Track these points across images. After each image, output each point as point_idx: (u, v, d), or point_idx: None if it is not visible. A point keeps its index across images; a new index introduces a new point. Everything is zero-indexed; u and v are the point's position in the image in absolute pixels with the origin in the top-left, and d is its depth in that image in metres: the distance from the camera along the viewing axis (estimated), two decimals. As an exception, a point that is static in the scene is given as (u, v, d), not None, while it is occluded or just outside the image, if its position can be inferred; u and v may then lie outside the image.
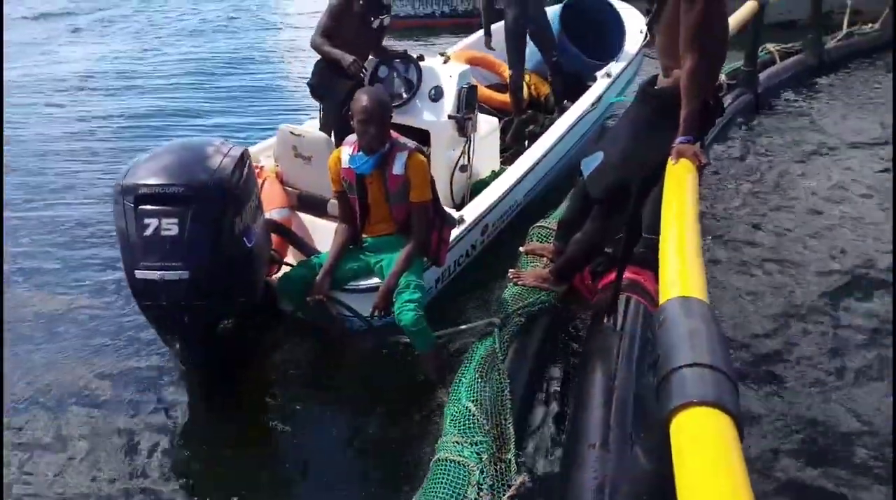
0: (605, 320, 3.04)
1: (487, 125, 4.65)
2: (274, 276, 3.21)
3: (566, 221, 3.40)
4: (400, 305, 2.87)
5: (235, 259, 2.73)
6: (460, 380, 2.69)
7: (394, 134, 3.02)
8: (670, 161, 2.41)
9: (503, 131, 5.26)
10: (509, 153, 5.15)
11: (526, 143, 5.12)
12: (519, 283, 3.33)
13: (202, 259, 2.60)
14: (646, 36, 5.99)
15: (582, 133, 5.21)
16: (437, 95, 4.09)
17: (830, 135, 6.21)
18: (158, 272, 2.57)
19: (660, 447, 1.23)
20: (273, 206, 3.55)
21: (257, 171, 3.77)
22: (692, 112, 2.47)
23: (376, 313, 2.98)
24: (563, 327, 3.42)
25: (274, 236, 3.34)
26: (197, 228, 2.59)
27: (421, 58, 4.25)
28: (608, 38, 5.94)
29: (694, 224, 1.89)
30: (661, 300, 1.52)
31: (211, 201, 2.62)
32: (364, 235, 3.18)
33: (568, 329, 3.43)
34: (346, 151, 3.02)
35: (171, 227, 2.58)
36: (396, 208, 3.05)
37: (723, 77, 6.41)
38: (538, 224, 3.87)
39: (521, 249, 3.71)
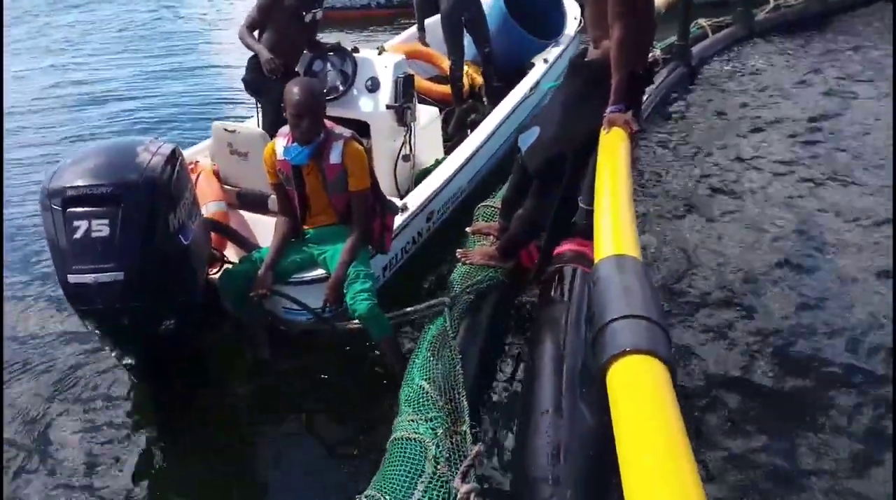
0: (551, 292, 3.07)
1: (427, 115, 4.66)
2: (215, 274, 3.14)
3: (508, 198, 3.42)
4: (352, 295, 2.84)
5: (171, 257, 2.65)
6: (413, 361, 2.68)
7: (328, 123, 2.97)
8: (603, 130, 2.43)
9: (445, 121, 5.28)
10: (452, 143, 5.15)
11: (468, 132, 5.13)
12: (467, 262, 3.34)
13: (136, 259, 2.51)
14: (580, 22, 6.22)
15: (521, 120, 5.23)
16: (373, 85, 4.05)
17: (762, 103, 6.40)
18: (91, 275, 2.48)
19: (602, 402, 1.24)
20: (210, 200, 3.47)
21: (191, 167, 3.68)
22: (621, 80, 2.50)
23: (328, 306, 2.95)
24: (512, 303, 3.45)
25: (213, 235, 3.27)
26: (129, 228, 2.50)
27: (356, 50, 4.21)
28: (549, 20, 6.09)
29: (626, 188, 1.91)
30: (596, 260, 1.54)
31: (142, 200, 2.53)
32: (305, 227, 3.13)
33: (516, 304, 3.45)
34: (281, 143, 2.97)
35: (101, 228, 2.49)
36: (336, 198, 3.01)
37: (658, 52, 6.54)
38: (483, 204, 3.89)
39: (467, 229, 3.71)
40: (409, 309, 3.05)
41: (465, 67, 5.60)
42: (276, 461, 2.83)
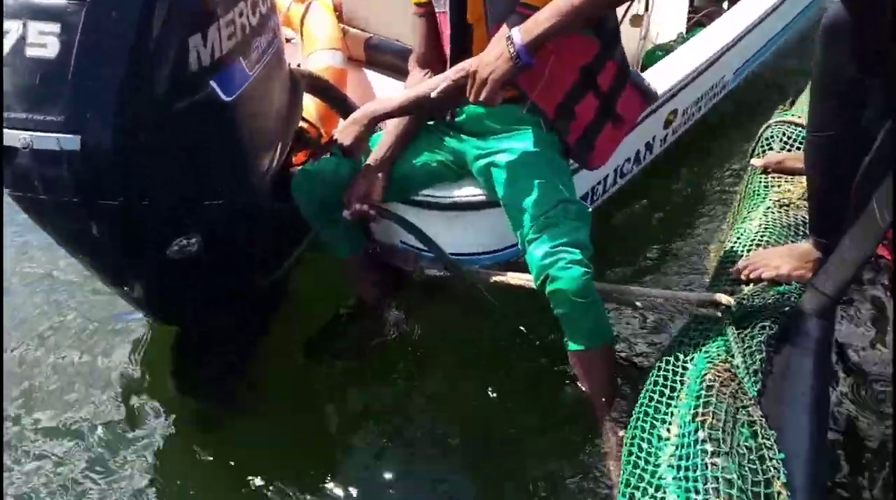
0: None
1: (679, -36, 3.01)
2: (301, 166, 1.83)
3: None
4: (546, 252, 1.40)
5: (189, 119, 1.35)
6: (668, 403, 1.27)
7: None
8: None
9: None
10: (699, 17, 3.47)
11: (725, 4, 3.42)
12: (752, 276, 1.60)
13: (110, 111, 1.25)
14: None
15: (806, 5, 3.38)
16: None
17: None
18: (23, 133, 1.25)
19: None
20: (319, 48, 2.15)
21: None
22: None
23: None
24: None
25: (311, 99, 1.95)
26: (97, 46, 1.23)
27: None
28: None
29: None
30: None
31: (129, -10, 1.23)
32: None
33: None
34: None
35: (45, 40, 1.23)
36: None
37: None
38: (777, 119, 2.18)
39: (753, 161, 2.06)
40: (636, 290, 1.55)
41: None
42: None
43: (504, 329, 1.90)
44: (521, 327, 1.89)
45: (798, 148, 2.01)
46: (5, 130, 1.26)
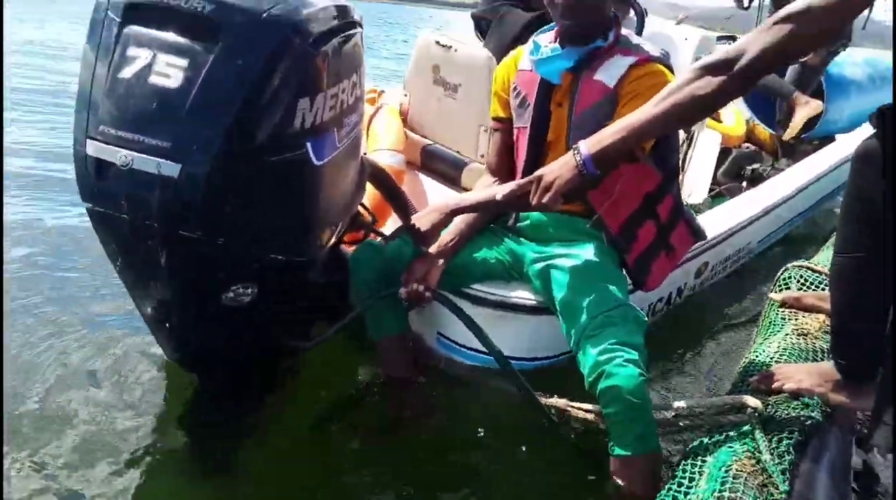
0: None
1: (709, 138, 3.28)
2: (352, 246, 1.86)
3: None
4: (604, 349, 1.40)
5: (280, 171, 1.39)
6: (686, 493, 1.24)
7: (625, 30, 1.63)
8: None
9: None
10: (721, 189, 3.71)
11: (743, 185, 3.68)
12: (774, 386, 1.61)
13: (214, 146, 1.28)
14: None
15: (829, 190, 3.65)
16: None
17: None
18: (125, 151, 1.28)
19: None
20: (382, 147, 2.25)
21: (374, 95, 2.50)
22: None
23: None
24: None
25: (373, 189, 2.01)
26: (220, 85, 1.29)
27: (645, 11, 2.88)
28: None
29: None
30: None
31: (262, 44, 1.31)
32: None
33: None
34: (531, 47, 1.67)
35: (171, 72, 1.29)
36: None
37: None
38: (796, 263, 2.27)
39: (772, 295, 2.11)
40: (688, 405, 1.53)
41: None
42: None
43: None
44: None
45: (814, 290, 2.08)
46: (106, 146, 1.29)
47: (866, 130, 1.45)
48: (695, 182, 3.13)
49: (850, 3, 1.17)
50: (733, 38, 4.25)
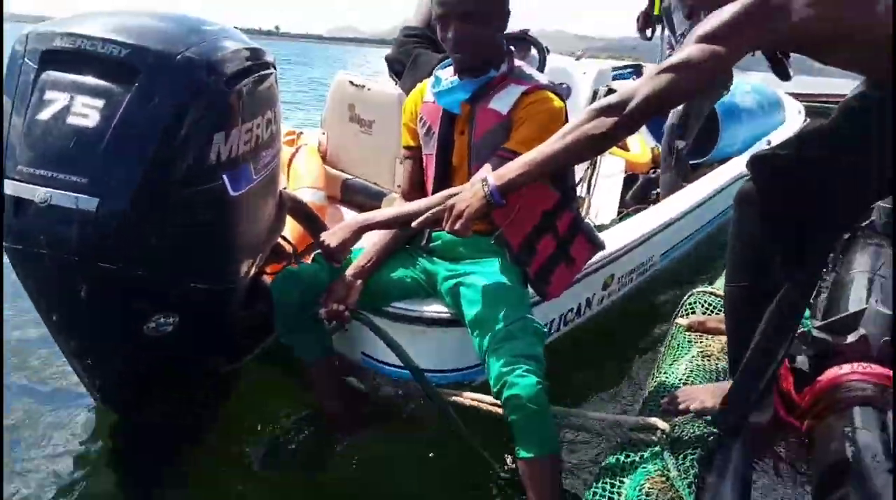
0: (830, 448, 1.62)
1: (614, 164, 3.52)
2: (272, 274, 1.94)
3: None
4: (506, 361, 1.52)
5: (196, 204, 1.47)
6: None
7: (519, 62, 1.80)
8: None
9: (624, 187, 4.09)
10: (628, 211, 3.96)
11: (650, 207, 3.95)
12: (681, 408, 1.75)
13: (131, 182, 1.36)
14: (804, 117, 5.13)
15: (723, 209, 3.95)
16: (565, 93, 2.90)
17: None
18: (43, 189, 1.34)
19: None
20: (303, 185, 2.35)
21: (289, 139, 2.60)
22: None
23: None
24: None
25: (293, 222, 2.11)
26: (134, 125, 1.37)
27: (546, 49, 3.12)
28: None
29: None
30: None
31: (174, 85, 1.40)
32: (434, 230, 1.89)
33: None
34: (433, 81, 1.82)
35: (88, 112, 1.37)
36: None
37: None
38: (700, 289, 2.48)
39: (679, 320, 2.30)
40: (577, 412, 1.67)
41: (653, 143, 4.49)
42: None
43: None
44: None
45: (717, 314, 2.28)
46: (24, 185, 1.35)
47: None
48: (602, 204, 3.33)
49: (722, 59, 1.34)
50: (635, 68, 4.60)
